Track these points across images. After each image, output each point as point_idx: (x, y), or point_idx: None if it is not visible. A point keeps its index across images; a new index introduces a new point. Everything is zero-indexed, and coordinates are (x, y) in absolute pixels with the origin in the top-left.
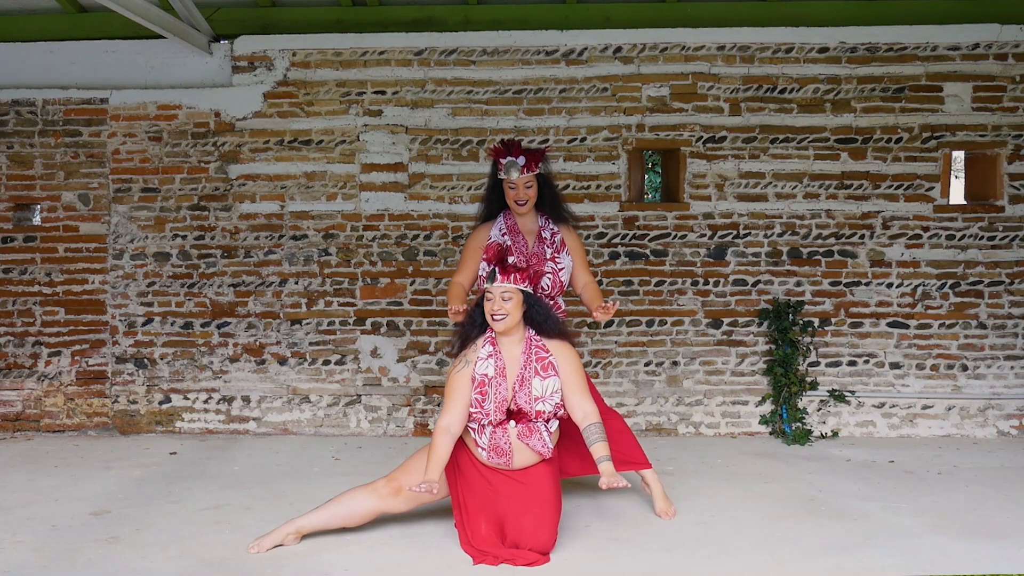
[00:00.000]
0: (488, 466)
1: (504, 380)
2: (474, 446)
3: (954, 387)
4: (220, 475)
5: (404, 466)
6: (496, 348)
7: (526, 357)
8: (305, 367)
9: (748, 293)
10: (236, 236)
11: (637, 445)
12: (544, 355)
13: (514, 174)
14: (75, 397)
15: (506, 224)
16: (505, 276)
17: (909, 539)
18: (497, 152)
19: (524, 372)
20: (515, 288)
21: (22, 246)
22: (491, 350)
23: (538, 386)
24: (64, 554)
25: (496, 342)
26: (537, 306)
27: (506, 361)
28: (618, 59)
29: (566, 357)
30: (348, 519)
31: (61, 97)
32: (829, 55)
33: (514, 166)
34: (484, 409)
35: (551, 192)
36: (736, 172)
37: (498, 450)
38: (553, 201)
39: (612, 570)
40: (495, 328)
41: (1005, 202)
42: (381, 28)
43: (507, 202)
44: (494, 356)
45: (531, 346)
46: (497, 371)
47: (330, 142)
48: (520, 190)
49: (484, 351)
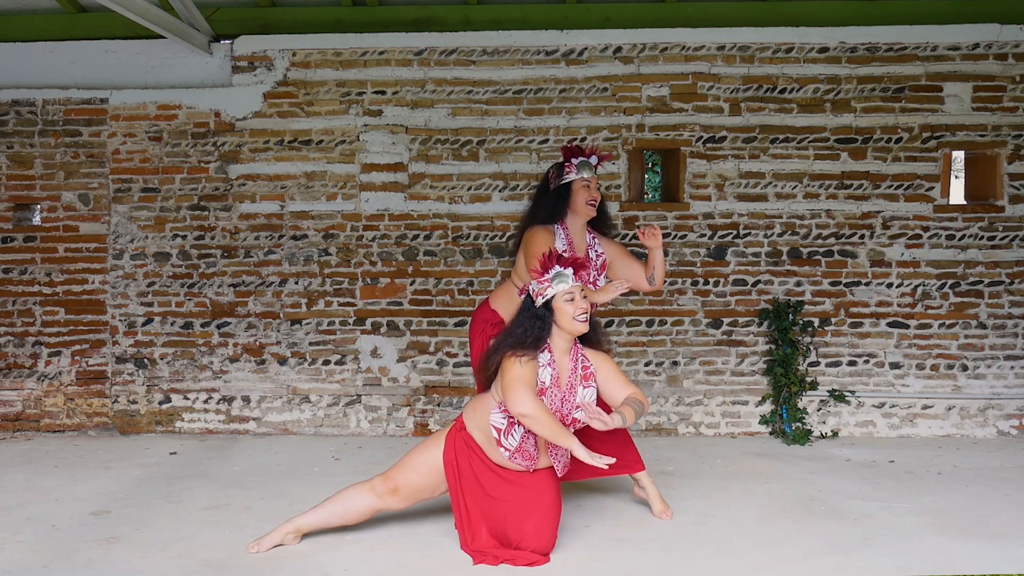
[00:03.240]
0: (493, 468)
1: (558, 389)
2: (491, 446)
3: (954, 387)
4: (220, 475)
5: (401, 464)
6: (552, 356)
7: (573, 365)
8: (305, 367)
9: (748, 293)
10: (236, 236)
11: (632, 447)
12: (587, 364)
13: (587, 172)
14: (75, 397)
15: (567, 238)
16: (577, 277)
17: (909, 539)
18: (570, 152)
19: (572, 380)
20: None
21: (22, 246)
22: (549, 357)
23: (581, 394)
24: (64, 554)
25: (552, 349)
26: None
27: (559, 370)
28: (618, 59)
29: (605, 361)
30: (346, 517)
31: (61, 97)
32: (829, 55)
33: (587, 165)
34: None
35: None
36: (736, 172)
37: (525, 454)
38: (605, 210)
39: (612, 570)
40: (581, 331)
41: (1005, 202)
42: (381, 28)
43: (576, 205)
44: (551, 364)
45: (577, 355)
46: (552, 380)
47: (330, 142)
48: (594, 189)
49: (543, 357)
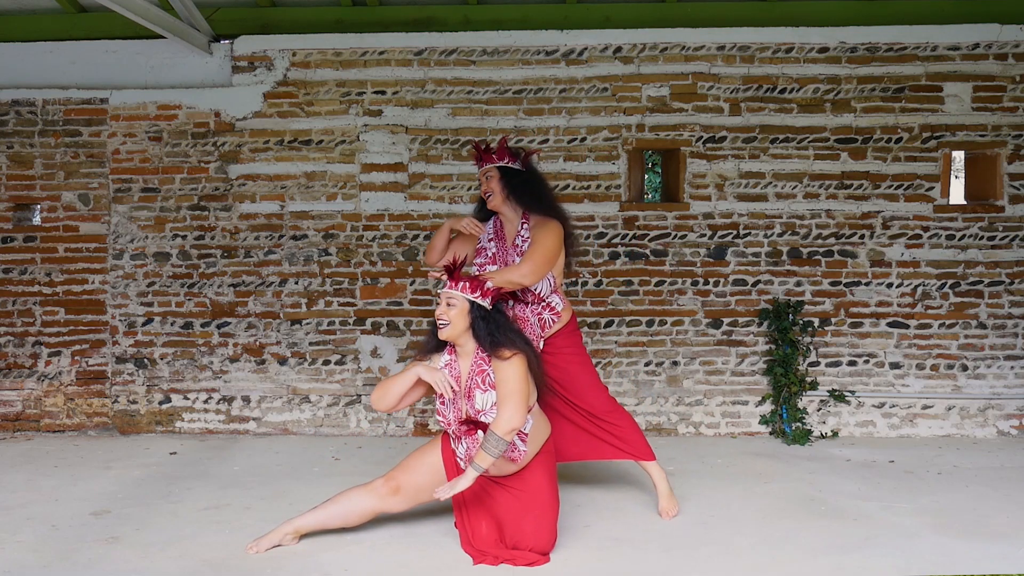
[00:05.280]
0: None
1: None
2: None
3: (954, 387)
4: (220, 475)
5: (402, 465)
6: (453, 358)
7: (471, 370)
8: (305, 367)
9: (748, 293)
10: (236, 236)
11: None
12: (484, 368)
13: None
14: (75, 397)
15: (494, 228)
16: (453, 283)
17: (909, 539)
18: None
19: (469, 384)
20: (461, 296)
21: (22, 246)
22: (448, 359)
23: (480, 399)
24: (64, 554)
25: (453, 351)
26: (481, 320)
27: (460, 372)
28: (618, 59)
29: (498, 368)
30: (347, 519)
31: (61, 97)
32: (829, 55)
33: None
34: (446, 419)
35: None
36: (736, 172)
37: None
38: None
39: (612, 570)
40: (440, 336)
41: (1005, 202)
42: (381, 28)
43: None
44: (450, 366)
45: (476, 358)
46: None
47: (330, 142)
48: (489, 182)
49: (442, 360)
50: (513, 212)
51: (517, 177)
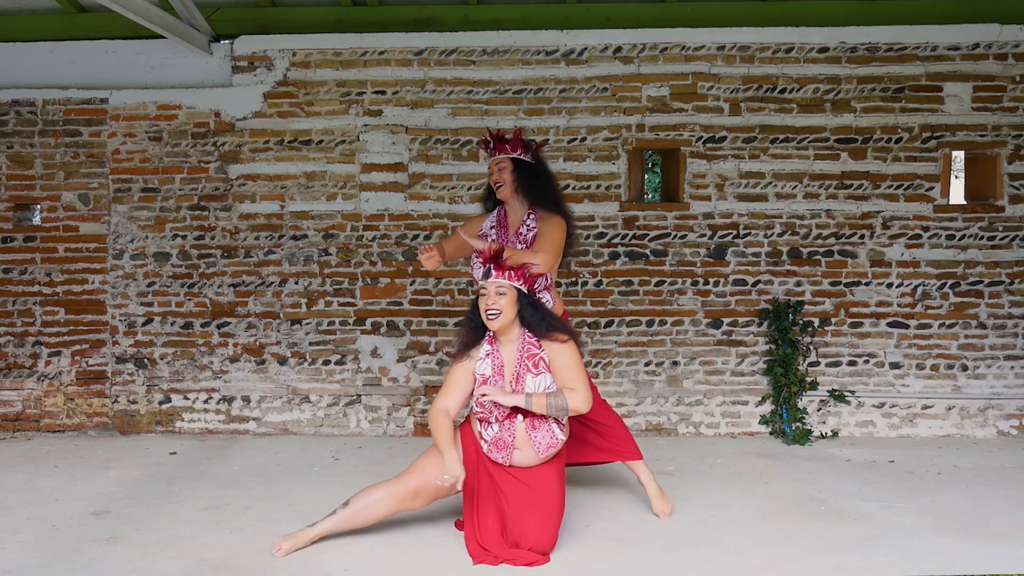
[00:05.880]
0: (494, 462)
1: (501, 378)
2: (479, 438)
3: (954, 387)
4: (220, 475)
5: (418, 466)
6: (494, 347)
7: (520, 355)
8: (305, 367)
9: (748, 293)
10: (236, 236)
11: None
12: (536, 352)
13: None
14: (75, 397)
15: (497, 217)
16: (500, 272)
17: (909, 539)
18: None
19: (518, 370)
20: (510, 284)
21: (22, 246)
22: (489, 349)
23: (531, 383)
24: (64, 554)
25: (494, 341)
26: (530, 307)
27: (504, 360)
28: (618, 59)
29: (557, 352)
30: (367, 522)
31: (61, 97)
32: (829, 55)
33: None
34: (486, 408)
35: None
36: (736, 172)
37: (499, 443)
38: (530, 186)
39: (612, 570)
40: (490, 327)
41: (1005, 202)
42: (381, 28)
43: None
44: (492, 355)
45: (524, 344)
46: (495, 370)
47: (330, 142)
48: (500, 172)
49: (483, 350)
50: (520, 204)
51: (528, 170)
